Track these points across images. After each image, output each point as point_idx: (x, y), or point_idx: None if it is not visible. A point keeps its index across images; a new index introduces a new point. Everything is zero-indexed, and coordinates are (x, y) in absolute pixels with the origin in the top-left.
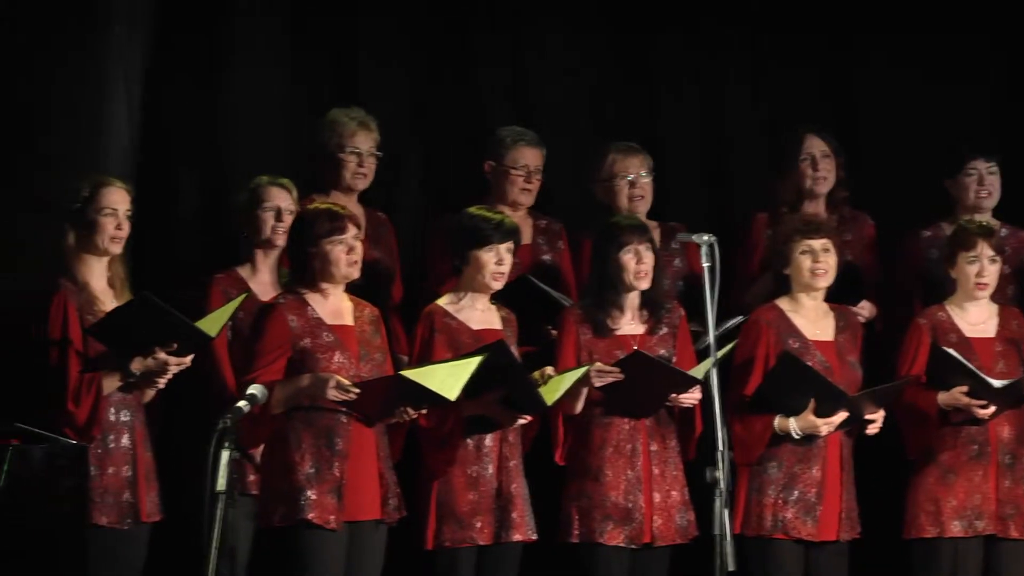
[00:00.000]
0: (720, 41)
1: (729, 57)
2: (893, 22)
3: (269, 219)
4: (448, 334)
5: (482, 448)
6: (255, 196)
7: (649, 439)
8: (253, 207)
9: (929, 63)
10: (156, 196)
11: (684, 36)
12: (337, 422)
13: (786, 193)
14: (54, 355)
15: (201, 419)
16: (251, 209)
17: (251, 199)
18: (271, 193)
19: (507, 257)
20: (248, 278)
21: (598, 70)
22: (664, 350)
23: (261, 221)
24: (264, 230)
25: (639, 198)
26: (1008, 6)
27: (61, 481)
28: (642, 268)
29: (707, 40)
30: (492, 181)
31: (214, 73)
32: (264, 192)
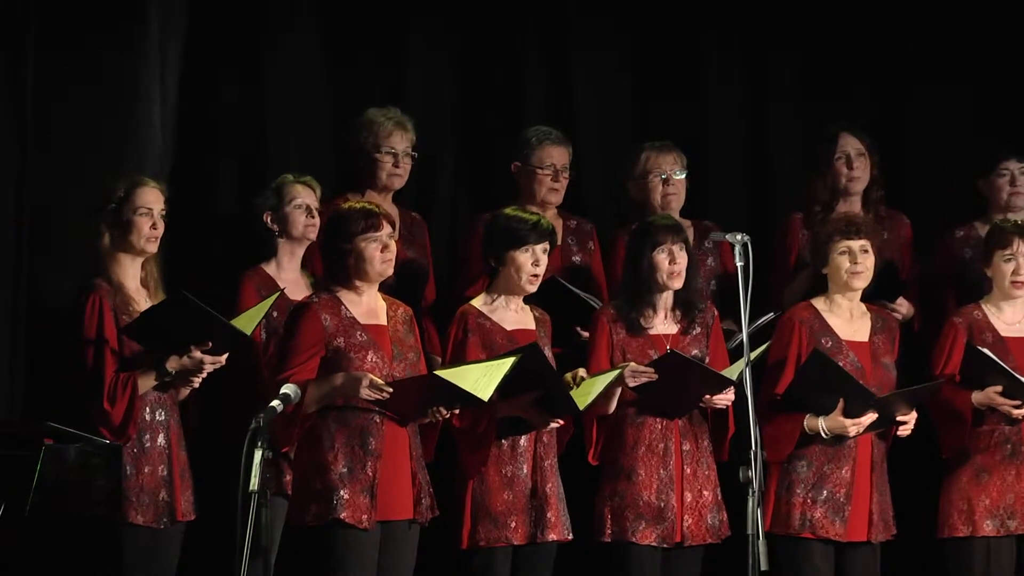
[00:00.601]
0: (763, 40)
1: (773, 56)
2: (937, 22)
3: (300, 216)
4: (482, 335)
5: (517, 448)
6: (283, 194)
7: (682, 439)
8: (282, 205)
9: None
10: (190, 196)
11: (726, 35)
12: (370, 421)
13: (821, 192)
14: (90, 354)
15: (235, 418)
16: (280, 207)
17: (279, 197)
18: (299, 190)
19: (543, 258)
20: (275, 275)
21: (639, 69)
22: (697, 350)
23: (292, 218)
24: (296, 227)
25: (672, 196)
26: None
27: (95, 480)
28: (675, 268)
29: (750, 39)
30: (520, 182)
31: (252, 72)
32: (292, 190)
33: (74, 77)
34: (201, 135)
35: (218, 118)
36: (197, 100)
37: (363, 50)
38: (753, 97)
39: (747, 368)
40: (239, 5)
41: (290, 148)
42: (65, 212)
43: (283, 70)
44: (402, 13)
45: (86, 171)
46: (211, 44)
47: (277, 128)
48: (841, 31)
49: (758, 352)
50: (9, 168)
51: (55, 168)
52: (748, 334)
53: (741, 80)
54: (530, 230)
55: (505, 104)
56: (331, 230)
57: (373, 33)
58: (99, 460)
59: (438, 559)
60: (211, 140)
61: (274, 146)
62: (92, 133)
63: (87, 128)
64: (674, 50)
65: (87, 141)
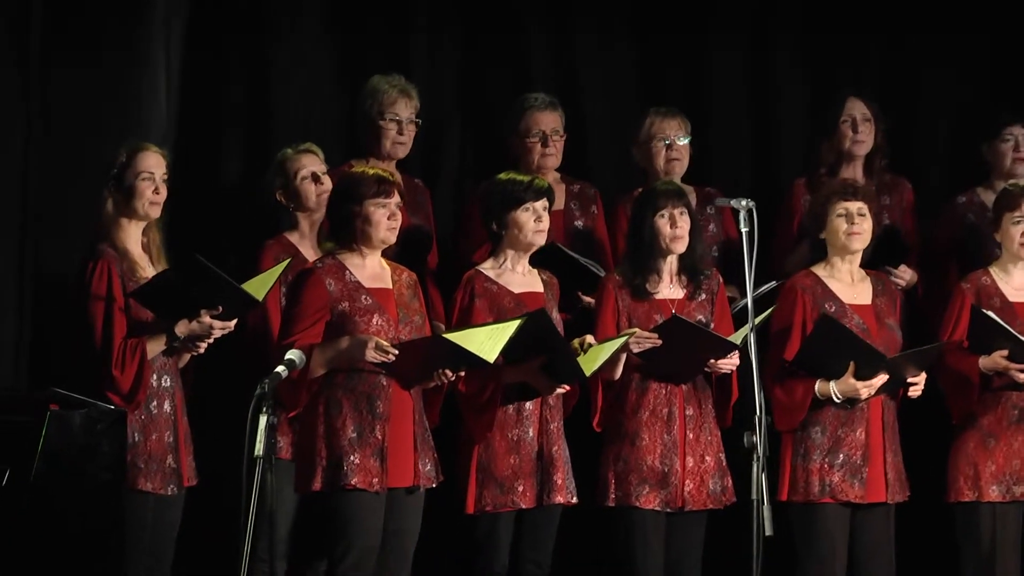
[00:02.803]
0: (768, 4)
1: (779, 19)
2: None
3: (310, 186)
4: (489, 299)
5: (523, 412)
6: (287, 169)
7: (685, 404)
8: (289, 180)
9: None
10: (194, 163)
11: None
12: (377, 385)
13: (826, 155)
14: (98, 321)
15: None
16: (288, 183)
17: (284, 174)
18: (302, 160)
19: (544, 215)
20: (298, 243)
21: (644, 34)
22: (702, 316)
23: (303, 191)
24: (309, 199)
25: (675, 161)
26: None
27: (100, 446)
28: (677, 232)
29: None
30: (516, 152)
31: (257, 40)
32: (295, 162)
33: (78, 44)
34: (206, 103)
35: (223, 86)
36: (201, 68)
37: (370, 16)
38: (758, 61)
39: (751, 333)
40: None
41: (295, 116)
42: (69, 179)
43: (288, 37)
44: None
45: (90, 139)
46: (216, 13)
47: (282, 96)
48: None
49: (762, 317)
50: (14, 136)
51: (59, 136)
52: (753, 298)
53: (746, 44)
54: (525, 189)
55: (510, 70)
56: (341, 191)
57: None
58: (104, 426)
59: (444, 524)
60: (216, 110)
61: (279, 114)
62: (96, 100)
63: (91, 95)
64: (680, 14)
65: (91, 108)
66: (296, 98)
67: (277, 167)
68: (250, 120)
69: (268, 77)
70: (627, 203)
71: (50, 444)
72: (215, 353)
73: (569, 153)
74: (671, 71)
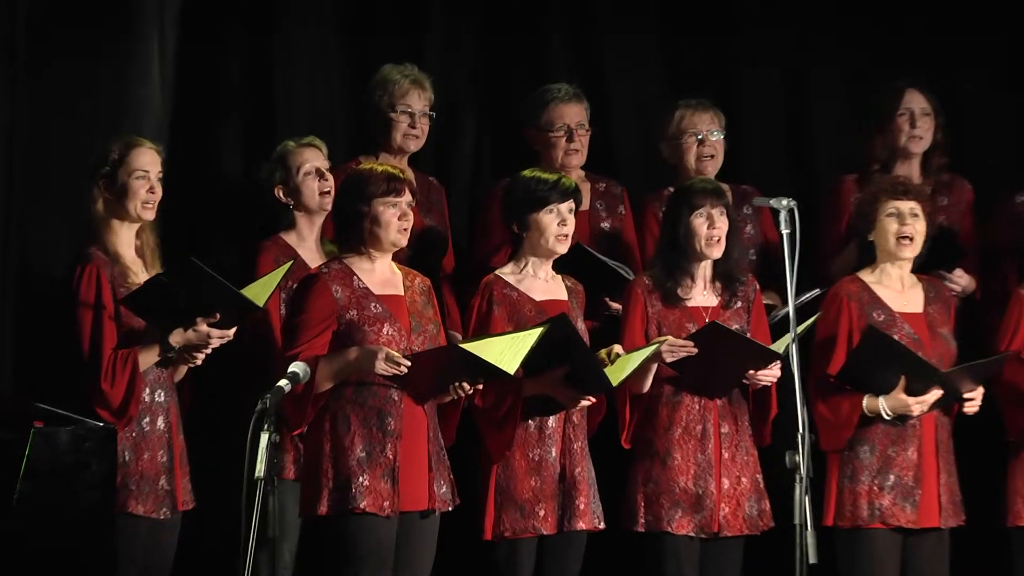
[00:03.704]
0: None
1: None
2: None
3: (312, 183)
4: (508, 306)
5: (545, 430)
6: (289, 163)
7: (720, 420)
8: (290, 176)
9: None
10: (192, 160)
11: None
12: (388, 399)
13: (879, 151)
14: (86, 329)
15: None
16: (289, 178)
17: (285, 168)
18: (305, 155)
19: (569, 218)
20: (296, 245)
21: (671, 22)
22: (737, 325)
23: (305, 188)
24: (311, 197)
25: (708, 157)
26: None
27: (88, 466)
28: (715, 233)
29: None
30: (537, 148)
31: (258, 24)
32: (298, 156)
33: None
34: (203, 93)
35: (222, 74)
36: (199, 55)
37: (380, 1)
38: (793, 51)
39: (793, 344)
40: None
41: (298, 108)
42: (56, 176)
43: (292, 22)
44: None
45: (79, 131)
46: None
47: (285, 86)
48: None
49: (804, 326)
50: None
51: (45, 128)
52: (795, 305)
53: (780, 34)
54: (551, 189)
55: (529, 59)
56: (348, 190)
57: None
58: (92, 444)
59: (460, 551)
60: (214, 99)
61: (281, 106)
62: (85, 90)
63: (79, 84)
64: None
65: (80, 98)
66: (300, 89)
67: (277, 160)
68: (250, 112)
69: (270, 66)
70: (656, 203)
71: (34, 463)
72: (213, 365)
73: (593, 149)
74: (700, 60)
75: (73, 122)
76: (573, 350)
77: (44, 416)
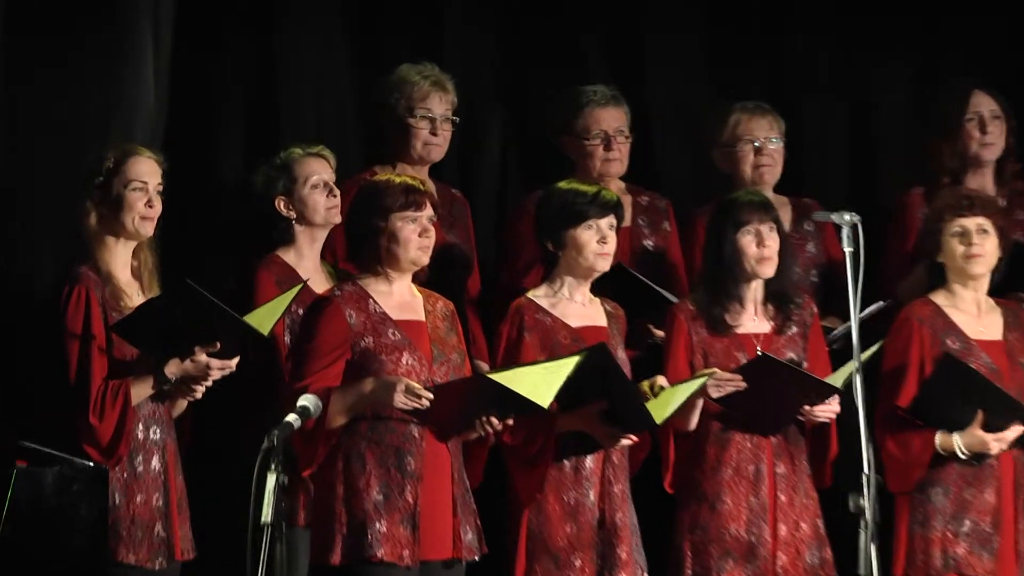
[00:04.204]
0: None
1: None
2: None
3: (320, 197)
4: (541, 333)
5: (582, 471)
6: (295, 173)
7: (775, 460)
8: (295, 186)
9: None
10: (189, 168)
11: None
12: (408, 437)
13: (947, 160)
14: (73, 358)
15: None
16: (293, 189)
17: (290, 177)
18: (313, 165)
19: (610, 234)
20: (296, 264)
21: (720, 17)
22: (793, 353)
23: (311, 201)
24: (317, 211)
25: (766, 167)
26: None
27: (76, 510)
28: (765, 252)
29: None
30: (572, 156)
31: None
32: (305, 166)
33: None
34: (201, 94)
35: (221, 74)
36: (196, 52)
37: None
38: (856, 49)
39: (857, 373)
40: None
41: (305, 113)
42: (41, 186)
43: (298, 17)
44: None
45: (66, 137)
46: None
47: (290, 87)
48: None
49: (869, 353)
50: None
51: (26, 131)
52: (858, 332)
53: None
54: (590, 203)
55: (562, 58)
56: (362, 204)
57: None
58: (81, 486)
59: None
60: (213, 101)
61: (286, 109)
62: (73, 91)
63: (67, 86)
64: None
65: (67, 101)
66: (306, 92)
67: (280, 169)
68: (252, 116)
69: (273, 65)
70: (706, 217)
71: (17, 506)
72: (214, 398)
73: (635, 158)
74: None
75: (57, 125)
76: (613, 382)
77: (27, 454)
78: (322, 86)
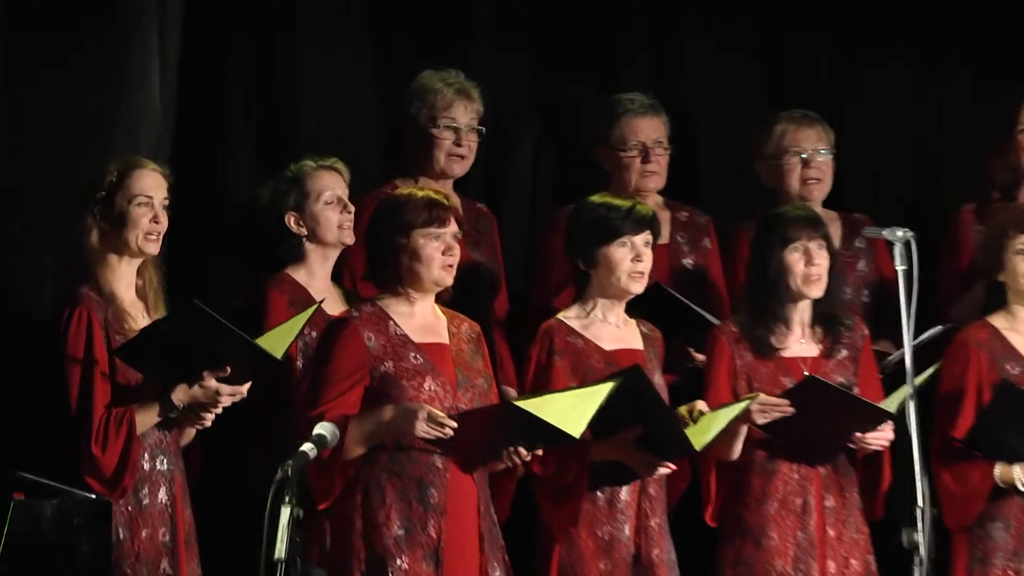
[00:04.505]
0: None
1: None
2: None
3: (333, 214)
4: (572, 356)
5: (616, 503)
6: (306, 187)
7: (824, 492)
8: (307, 202)
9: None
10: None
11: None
12: (431, 468)
13: (999, 174)
14: (74, 384)
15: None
16: (305, 204)
17: (301, 191)
18: (326, 180)
19: (646, 252)
20: (307, 283)
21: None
22: (843, 378)
23: (324, 218)
24: (330, 229)
25: (814, 181)
26: None
27: (77, 545)
28: (813, 271)
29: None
30: (607, 168)
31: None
32: (317, 180)
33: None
34: (211, 101)
35: (233, 79)
36: (205, 55)
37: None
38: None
39: (910, 399)
40: None
41: (319, 124)
42: (41, 187)
43: (314, 20)
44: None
45: (66, 138)
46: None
47: (306, 94)
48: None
49: (923, 377)
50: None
51: (24, 139)
52: (912, 355)
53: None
54: (624, 218)
55: (596, 64)
56: (383, 220)
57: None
58: (82, 520)
59: None
60: (222, 110)
61: (302, 117)
62: (73, 91)
63: (67, 86)
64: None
65: (67, 101)
66: (324, 101)
67: (291, 183)
68: (265, 126)
69: (285, 75)
70: (749, 233)
71: (14, 542)
72: (224, 426)
73: (673, 171)
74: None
75: (57, 125)
76: (649, 408)
77: (25, 486)
78: (340, 94)
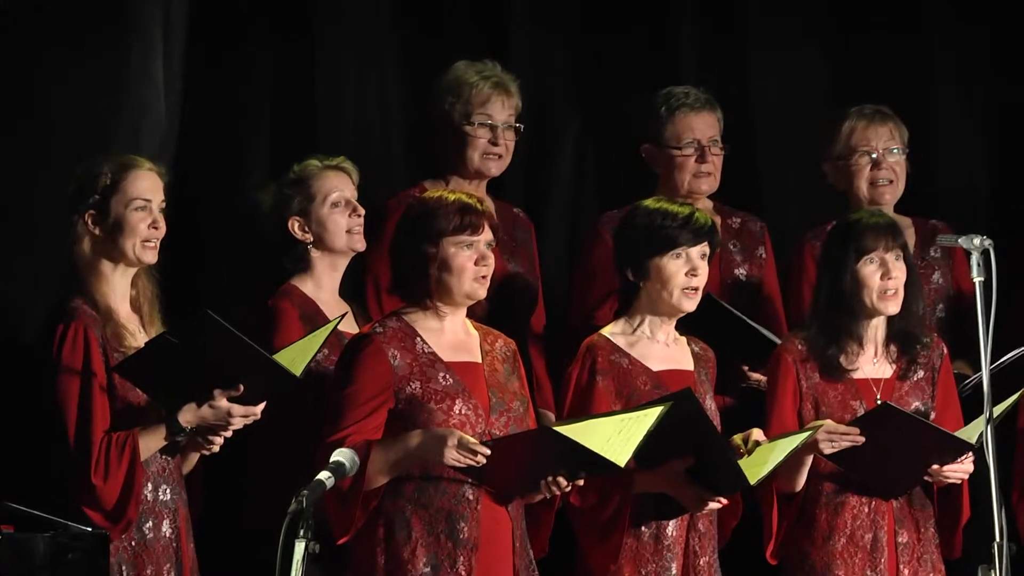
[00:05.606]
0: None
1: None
2: None
3: (341, 218)
4: (617, 377)
5: (663, 539)
6: (311, 189)
7: (897, 527)
8: (313, 205)
9: None
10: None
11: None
12: (461, 499)
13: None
14: (70, 406)
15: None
16: (310, 208)
17: (306, 194)
18: (333, 180)
19: (702, 265)
20: (314, 295)
21: (840, 16)
22: (918, 402)
23: (331, 223)
24: (338, 235)
25: (886, 183)
26: None
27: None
28: (891, 285)
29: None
30: (656, 168)
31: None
32: (324, 181)
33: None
34: (220, 99)
35: (244, 76)
36: (215, 51)
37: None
38: (992, 50)
39: (988, 428)
40: None
41: (340, 121)
42: (41, 188)
43: (335, 8)
44: None
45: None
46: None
47: (326, 89)
48: None
49: (1006, 406)
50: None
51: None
52: (990, 378)
53: (976, 29)
54: (681, 227)
55: (645, 55)
56: (409, 227)
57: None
58: (78, 555)
59: None
60: (236, 105)
61: (322, 115)
62: (73, 91)
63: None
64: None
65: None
66: (346, 96)
67: (294, 185)
68: (282, 123)
69: (305, 65)
70: (813, 242)
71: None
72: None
73: (727, 173)
74: (876, 59)
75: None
76: (701, 437)
77: (17, 518)
78: (363, 88)
